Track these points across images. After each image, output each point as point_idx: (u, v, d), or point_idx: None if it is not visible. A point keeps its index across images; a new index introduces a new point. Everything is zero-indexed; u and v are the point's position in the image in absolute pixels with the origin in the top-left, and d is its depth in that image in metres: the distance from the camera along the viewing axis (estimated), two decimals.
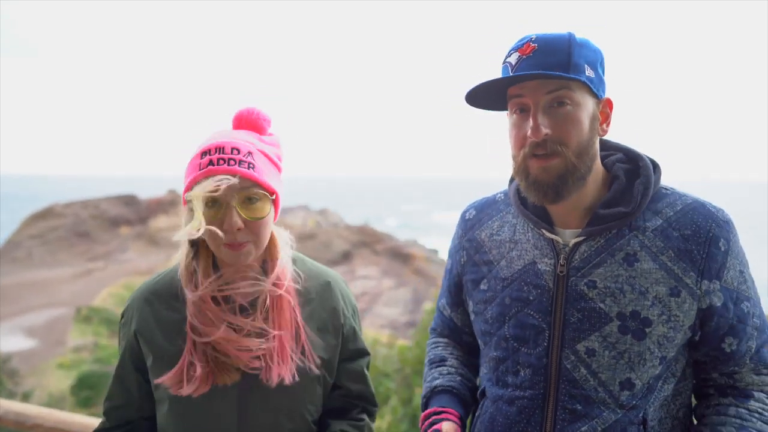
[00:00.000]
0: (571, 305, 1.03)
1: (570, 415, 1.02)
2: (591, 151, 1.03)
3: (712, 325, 1.02)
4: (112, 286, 28.33)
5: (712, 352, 1.04)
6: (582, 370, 1.02)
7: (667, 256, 1.01)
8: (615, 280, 1.01)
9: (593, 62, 1.02)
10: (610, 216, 1.04)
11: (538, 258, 1.08)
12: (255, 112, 1.12)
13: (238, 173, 1.01)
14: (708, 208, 1.05)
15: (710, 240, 1.01)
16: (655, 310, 1.00)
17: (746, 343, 1.03)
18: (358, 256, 37.74)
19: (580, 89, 1.00)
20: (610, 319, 1.01)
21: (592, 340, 1.01)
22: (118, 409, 1.17)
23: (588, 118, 1.01)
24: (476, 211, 1.25)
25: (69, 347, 20.42)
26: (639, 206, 1.04)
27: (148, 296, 1.15)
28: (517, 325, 1.08)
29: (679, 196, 1.07)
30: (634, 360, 1.00)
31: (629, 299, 1.00)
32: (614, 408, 1.01)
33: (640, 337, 1.00)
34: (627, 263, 1.02)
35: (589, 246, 1.05)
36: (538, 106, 1.00)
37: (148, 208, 44.95)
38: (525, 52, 1.00)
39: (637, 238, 1.03)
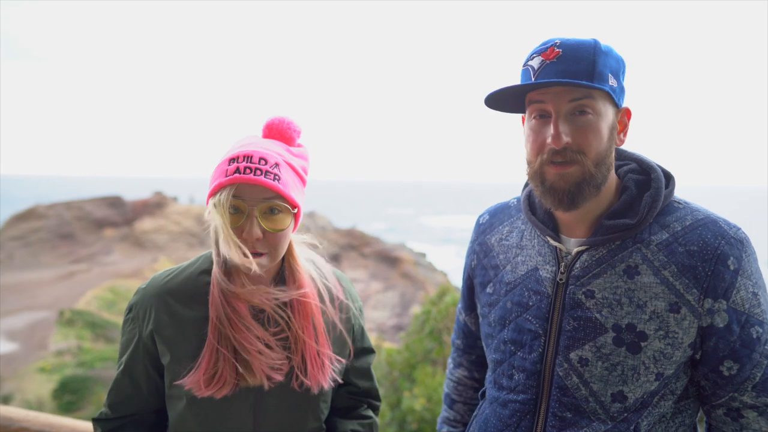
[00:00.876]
0: (567, 313, 1.04)
1: (559, 423, 1.03)
2: (608, 160, 1.02)
3: (710, 345, 1.00)
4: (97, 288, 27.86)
5: (711, 375, 1.02)
6: (574, 379, 1.02)
7: (669, 271, 0.99)
8: (613, 291, 1.01)
9: (616, 71, 1.02)
10: (615, 227, 1.03)
11: (541, 264, 1.09)
12: (286, 122, 1.13)
13: (263, 184, 1.01)
14: (720, 225, 1.01)
15: (717, 258, 0.98)
16: (652, 325, 0.99)
17: (750, 370, 0.99)
18: (345, 259, 37.60)
19: (602, 98, 1.00)
20: (605, 330, 1.01)
21: (585, 350, 1.02)
22: (125, 401, 1.16)
23: (608, 128, 1.01)
24: (489, 216, 1.27)
25: (51, 351, 20.04)
26: (644, 219, 1.02)
27: (164, 294, 1.13)
28: (515, 329, 1.10)
29: (691, 211, 1.04)
30: (627, 373, 1.00)
31: (626, 311, 1.00)
32: (604, 419, 1.01)
33: (635, 351, 0.99)
34: (627, 275, 1.01)
35: (590, 256, 1.04)
36: (560, 114, 0.99)
37: (133, 209, 44.34)
38: (549, 56, 0.99)
39: (640, 251, 1.02)
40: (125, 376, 1.15)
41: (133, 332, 1.14)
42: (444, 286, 5.42)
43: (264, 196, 1.02)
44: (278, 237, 1.05)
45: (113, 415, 1.16)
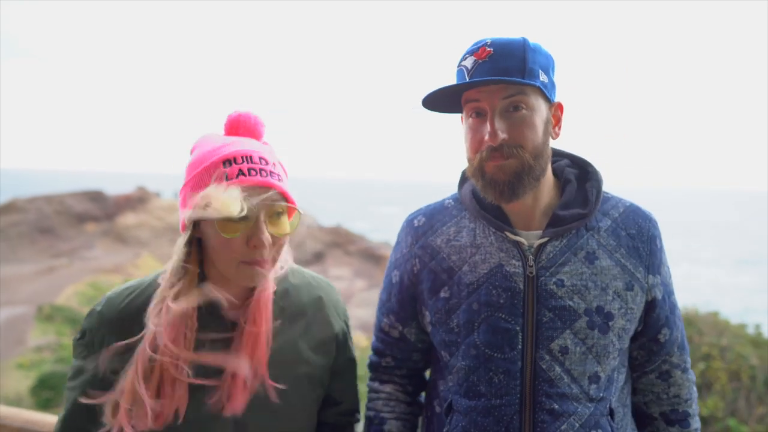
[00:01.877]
0: (542, 304, 1.06)
1: (549, 416, 1.04)
2: (545, 153, 1.08)
3: (653, 316, 1.13)
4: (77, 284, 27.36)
5: (648, 344, 1.15)
6: (557, 369, 1.05)
7: (620, 254, 1.09)
8: (580, 277, 1.06)
9: (546, 67, 1.06)
10: (570, 217, 1.09)
11: (505, 260, 1.09)
12: (253, 117, 1.01)
13: (272, 186, 0.93)
14: (643, 210, 1.16)
15: (650, 238, 1.12)
16: (615, 305, 1.07)
17: (674, 333, 1.15)
18: (330, 256, 37.50)
19: (534, 94, 1.04)
20: (579, 315, 1.05)
21: (564, 338, 1.05)
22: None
23: (542, 122, 1.06)
24: (426, 217, 1.22)
25: (29, 347, 19.66)
26: (594, 208, 1.11)
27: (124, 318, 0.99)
28: (488, 331, 1.07)
29: (618, 200, 1.17)
30: (600, 353, 1.06)
31: (593, 295, 1.06)
32: (585, 402, 1.05)
33: (605, 331, 1.06)
34: (588, 261, 1.07)
35: (553, 246, 1.08)
36: (495, 111, 1.02)
37: (115, 204, 43.62)
38: (481, 56, 1.03)
39: (593, 237, 1.10)
40: (78, 408, 0.98)
41: (84, 359, 0.99)
42: None
43: (270, 199, 0.92)
44: (283, 242, 0.98)
45: None
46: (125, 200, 43.86)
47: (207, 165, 0.93)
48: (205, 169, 0.93)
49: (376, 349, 1.29)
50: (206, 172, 0.92)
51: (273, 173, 0.94)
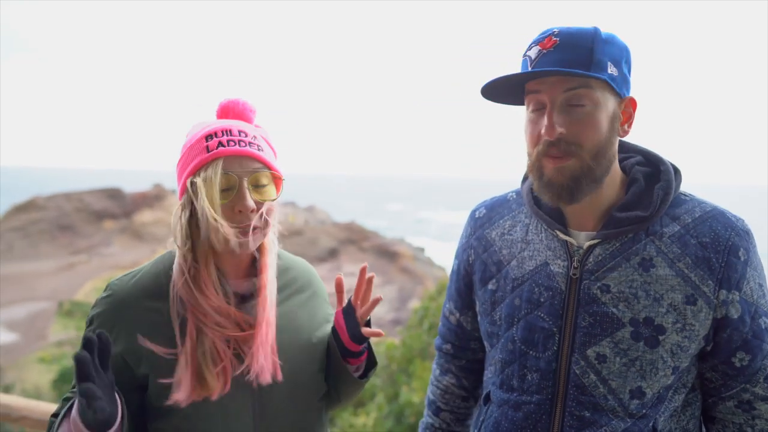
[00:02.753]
0: (582, 309, 1.01)
1: (578, 422, 1.00)
2: (609, 152, 1.00)
3: (724, 336, 0.99)
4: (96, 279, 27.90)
5: (722, 366, 1.01)
6: (591, 376, 1.00)
7: (684, 263, 0.98)
8: (629, 285, 0.99)
9: (618, 59, 0.99)
10: (627, 219, 1.01)
11: (551, 259, 1.05)
12: (241, 102, 1.08)
13: (250, 155, 0.99)
14: (728, 216, 1.02)
15: (729, 249, 0.98)
16: (669, 318, 0.97)
17: (761, 361, 0.99)
18: (344, 253, 37.66)
19: (601, 88, 0.96)
20: (623, 324, 0.98)
21: (603, 346, 0.99)
22: None
23: (607, 119, 0.98)
24: (487, 209, 1.21)
25: (51, 341, 20.12)
26: (657, 211, 1.01)
27: (130, 301, 1.03)
28: (526, 328, 1.05)
29: (699, 203, 1.04)
30: (646, 368, 0.98)
31: (643, 305, 0.98)
32: (623, 417, 0.99)
33: (653, 345, 0.97)
34: (642, 268, 0.99)
35: (603, 249, 1.02)
36: (555, 104, 0.96)
37: (132, 201, 44.34)
38: (546, 46, 0.97)
39: (653, 243, 1.00)
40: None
41: None
42: (443, 282, 5.41)
43: (251, 168, 0.99)
44: (268, 209, 1.02)
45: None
46: (142, 198, 44.55)
47: (193, 142, 1.01)
48: (191, 146, 1.01)
49: (440, 332, 1.34)
50: (192, 148, 1.01)
51: (252, 143, 1.01)
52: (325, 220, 49.19)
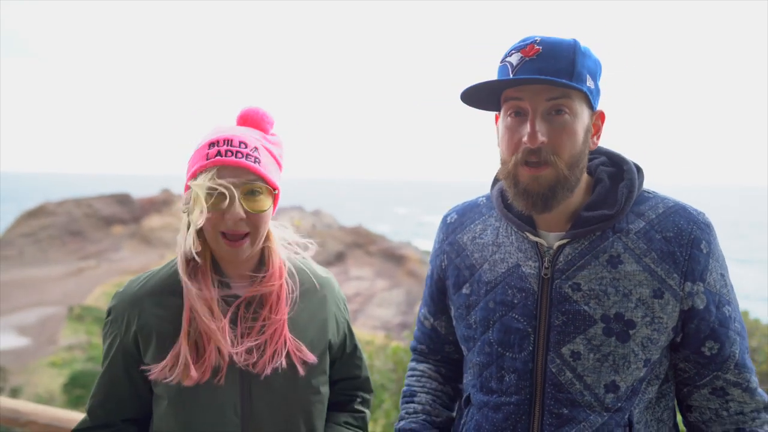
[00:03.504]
0: (555, 308, 1.03)
1: (557, 420, 1.02)
2: (582, 163, 1.03)
3: (692, 327, 1.03)
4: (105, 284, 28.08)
5: (693, 356, 1.05)
6: (567, 374, 1.02)
7: (650, 258, 1.02)
8: (599, 282, 1.01)
9: (594, 73, 1.02)
10: (594, 218, 1.04)
11: (522, 261, 1.08)
12: (260, 112, 1.14)
13: (245, 166, 1.04)
14: (689, 210, 1.06)
15: (692, 242, 1.02)
16: (638, 312, 1.00)
17: (729, 348, 1.03)
18: (351, 257, 37.65)
19: (579, 99, 0.99)
20: (594, 321, 1.01)
21: (577, 343, 1.02)
22: (104, 407, 1.15)
23: (583, 130, 1.01)
24: (458, 215, 1.23)
25: (61, 346, 20.25)
26: (622, 209, 1.04)
27: (143, 296, 1.13)
28: (501, 330, 1.07)
29: (661, 200, 1.08)
30: (619, 362, 1.01)
31: (613, 301, 1.01)
32: (600, 411, 1.01)
33: (624, 340, 1.00)
34: (611, 265, 1.02)
35: (573, 248, 1.04)
36: (537, 112, 0.98)
37: (141, 207, 44.61)
38: (528, 53, 0.98)
39: (620, 240, 1.03)
40: (106, 379, 1.15)
41: (113, 335, 1.13)
42: None
43: (245, 179, 1.04)
44: (259, 218, 1.07)
45: (92, 423, 1.16)
46: (150, 203, 44.82)
47: (198, 147, 1.08)
48: (196, 152, 1.08)
49: (416, 336, 1.35)
50: (196, 153, 1.07)
51: (250, 155, 1.05)
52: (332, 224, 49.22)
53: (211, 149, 1.04)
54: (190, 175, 1.06)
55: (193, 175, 1.05)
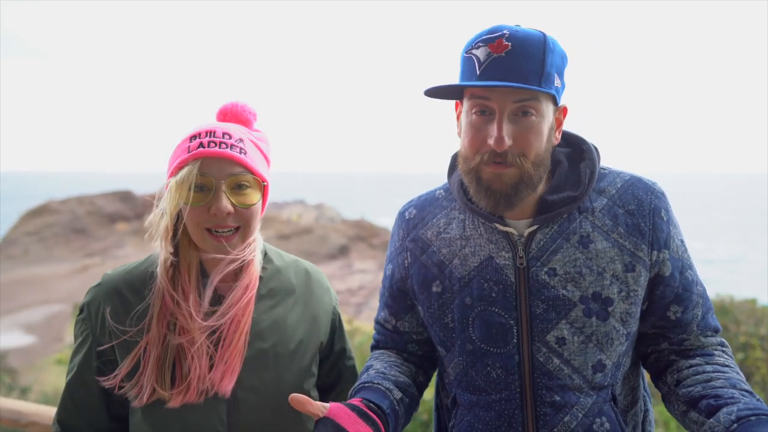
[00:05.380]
0: (534, 296, 1.01)
1: (551, 408, 1.01)
2: (546, 161, 1.01)
3: (657, 293, 1.05)
4: None
5: (659, 322, 1.06)
6: (555, 361, 1.01)
7: (617, 234, 1.02)
8: (573, 264, 1.01)
9: (561, 69, 0.99)
10: (560, 201, 1.03)
11: (495, 252, 1.04)
12: (240, 105, 1.08)
13: (230, 157, 0.97)
14: (644, 181, 1.07)
15: (653, 211, 1.03)
16: (614, 288, 1.00)
17: (692, 311, 1.05)
18: (354, 250, 37.68)
19: (546, 99, 0.97)
20: (574, 304, 1.00)
21: (560, 329, 1.00)
22: (77, 414, 1.06)
23: (548, 129, 1.00)
24: (417, 209, 1.18)
25: (67, 343, 20.37)
26: (587, 189, 1.04)
27: (120, 287, 1.05)
28: (482, 326, 1.04)
29: (618, 174, 1.08)
30: (602, 341, 1.01)
31: (589, 281, 1.00)
32: (588, 391, 1.01)
33: (604, 318, 1.00)
34: (582, 246, 1.01)
35: (543, 234, 1.03)
36: (504, 114, 0.95)
37: (143, 204, 44.63)
38: (497, 50, 0.94)
39: (587, 219, 1.03)
40: (77, 382, 1.06)
41: (85, 332, 1.05)
42: None
43: (231, 171, 0.98)
44: (249, 212, 1.01)
45: None
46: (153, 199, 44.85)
47: (179, 143, 1.02)
48: (177, 146, 1.02)
49: (375, 339, 1.28)
50: (178, 148, 1.02)
51: (234, 146, 0.98)
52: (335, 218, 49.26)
53: (193, 142, 0.98)
54: (171, 171, 1.00)
55: (174, 171, 0.99)
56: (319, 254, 36.16)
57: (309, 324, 1.16)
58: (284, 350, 1.10)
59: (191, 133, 1.01)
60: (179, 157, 0.99)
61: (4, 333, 21.53)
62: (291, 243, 29.85)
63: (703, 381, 0.99)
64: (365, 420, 0.96)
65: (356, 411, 0.97)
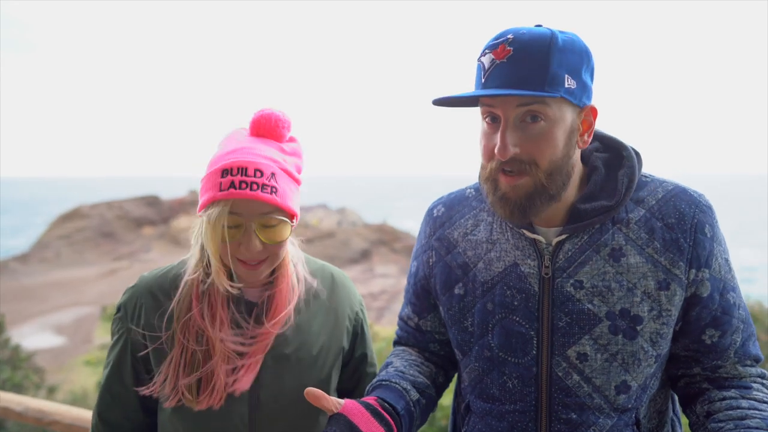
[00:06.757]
0: (558, 309, 0.96)
1: (565, 426, 0.96)
2: (565, 169, 0.95)
3: (693, 315, 0.97)
4: None
5: (693, 345, 0.98)
6: (575, 377, 0.96)
7: (652, 248, 0.95)
8: (602, 278, 0.95)
9: (577, 68, 0.91)
10: (593, 211, 0.97)
11: (520, 260, 1.00)
12: (273, 118, 1.06)
13: (262, 199, 0.97)
14: (690, 193, 0.99)
15: (696, 226, 0.96)
16: (644, 306, 0.94)
17: (731, 336, 0.98)
18: (376, 254, 37.74)
19: (557, 102, 0.91)
20: (600, 319, 0.94)
21: (582, 344, 0.95)
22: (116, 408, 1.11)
23: (564, 134, 0.93)
24: (445, 207, 1.14)
25: (95, 345, 20.89)
26: (623, 199, 0.97)
27: (154, 289, 1.10)
28: (502, 333, 1.00)
29: (660, 183, 1.01)
30: (628, 361, 0.94)
31: (617, 297, 0.94)
32: (609, 413, 0.95)
33: (632, 337, 0.94)
34: (613, 259, 0.95)
35: (572, 244, 0.98)
36: (508, 121, 0.91)
37: (170, 208, 45.72)
38: (499, 56, 0.90)
39: (621, 231, 0.97)
40: (114, 378, 1.10)
41: (121, 330, 1.10)
42: None
43: (262, 211, 0.99)
44: (278, 247, 1.04)
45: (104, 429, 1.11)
46: (179, 204, 45.85)
47: (211, 172, 1.01)
48: (209, 176, 1.01)
49: (398, 334, 1.26)
50: (209, 179, 1.01)
51: (266, 186, 0.98)
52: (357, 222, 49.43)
53: (224, 178, 0.98)
54: (202, 203, 1.01)
55: (204, 204, 1.00)
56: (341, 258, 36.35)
57: (331, 330, 1.17)
58: (307, 355, 1.11)
59: (223, 164, 0.99)
60: (209, 192, 0.99)
61: (36, 334, 22.19)
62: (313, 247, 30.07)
63: (737, 418, 0.91)
64: (378, 420, 0.94)
65: (370, 410, 0.95)
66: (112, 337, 1.13)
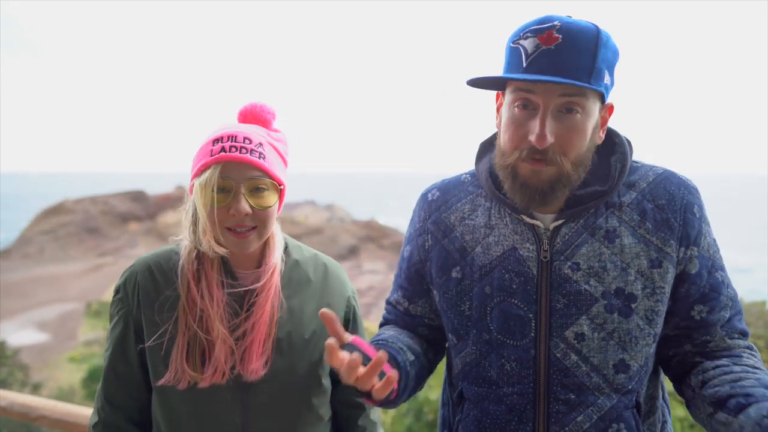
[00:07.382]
0: (555, 291, 0.99)
1: (564, 407, 0.98)
2: (586, 161, 0.98)
3: (682, 291, 1.00)
4: None
5: (682, 323, 1.01)
6: (573, 357, 0.98)
7: (645, 229, 0.99)
8: (598, 259, 0.98)
9: (612, 65, 0.95)
10: (588, 196, 1.00)
11: (519, 244, 1.02)
12: (259, 106, 1.13)
13: (249, 162, 1.03)
14: (678, 176, 1.04)
15: (684, 207, 1.00)
16: (638, 285, 0.97)
17: (719, 312, 1.01)
18: (364, 250, 37.77)
19: (593, 96, 0.93)
20: (596, 299, 0.97)
21: (580, 324, 0.97)
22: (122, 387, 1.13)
23: (592, 127, 0.96)
24: (440, 192, 1.15)
25: (80, 341, 20.66)
26: (616, 184, 1.00)
27: (152, 266, 1.13)
28: (500, 317, 1.02)
29: (650, 168, 1.05)
30: (624, 339, 0.97)
31: (612, 277, 0.97)
32: (609, 393, 0.97)
33: (627, 314, 0.97)
34: (608, 241, 0.99)
35: (569, 228, 1.00)
36: (549, 110, 0.91)
37: (156, 203, 45.25)
38: (547, 42, 0.90)
39: (614, 214, 1.00)
40: (117, 357, 1.13)
41: (121, 311, 1.12)
42: None
43: (250, 175, 1.04)
44: (266, 213, 1.07)
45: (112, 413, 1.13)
46: (165, 199, 45.39)
47: (202, 145, 1.08)
48: (201, 148, 1.08)
49: (385, 318, 1.25)
50: (201, 150, 1.08)
51: (254, 151, 1.05)
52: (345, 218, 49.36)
53: (215, 146, 1.05)
54: (195, 172, 1.06)
55: (197, 172, 1.06)
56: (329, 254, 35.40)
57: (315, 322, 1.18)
58: (299, 339, 1.14)
59: (214, 136, 1.07)
60: (202, 160, 1.06)
61: (19, 331, 21.87)
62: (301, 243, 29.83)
63: (731, 381, 0.93)
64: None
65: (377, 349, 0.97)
66: (111, 320, 1.16)
